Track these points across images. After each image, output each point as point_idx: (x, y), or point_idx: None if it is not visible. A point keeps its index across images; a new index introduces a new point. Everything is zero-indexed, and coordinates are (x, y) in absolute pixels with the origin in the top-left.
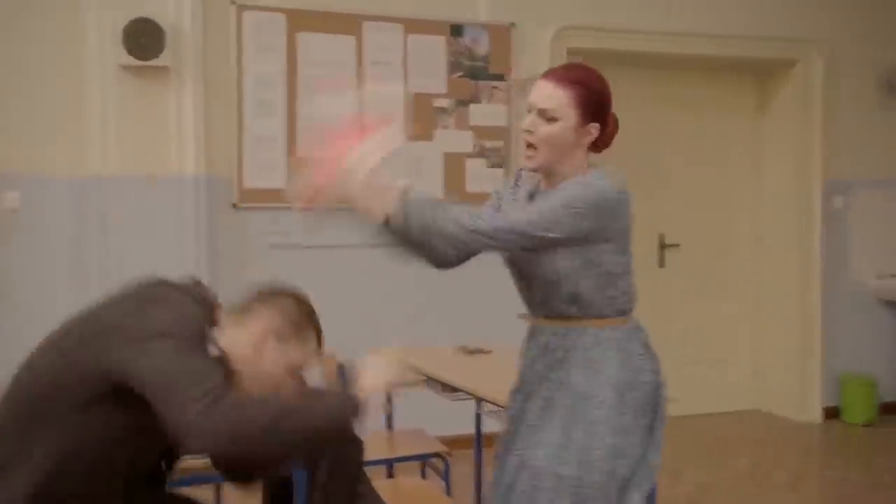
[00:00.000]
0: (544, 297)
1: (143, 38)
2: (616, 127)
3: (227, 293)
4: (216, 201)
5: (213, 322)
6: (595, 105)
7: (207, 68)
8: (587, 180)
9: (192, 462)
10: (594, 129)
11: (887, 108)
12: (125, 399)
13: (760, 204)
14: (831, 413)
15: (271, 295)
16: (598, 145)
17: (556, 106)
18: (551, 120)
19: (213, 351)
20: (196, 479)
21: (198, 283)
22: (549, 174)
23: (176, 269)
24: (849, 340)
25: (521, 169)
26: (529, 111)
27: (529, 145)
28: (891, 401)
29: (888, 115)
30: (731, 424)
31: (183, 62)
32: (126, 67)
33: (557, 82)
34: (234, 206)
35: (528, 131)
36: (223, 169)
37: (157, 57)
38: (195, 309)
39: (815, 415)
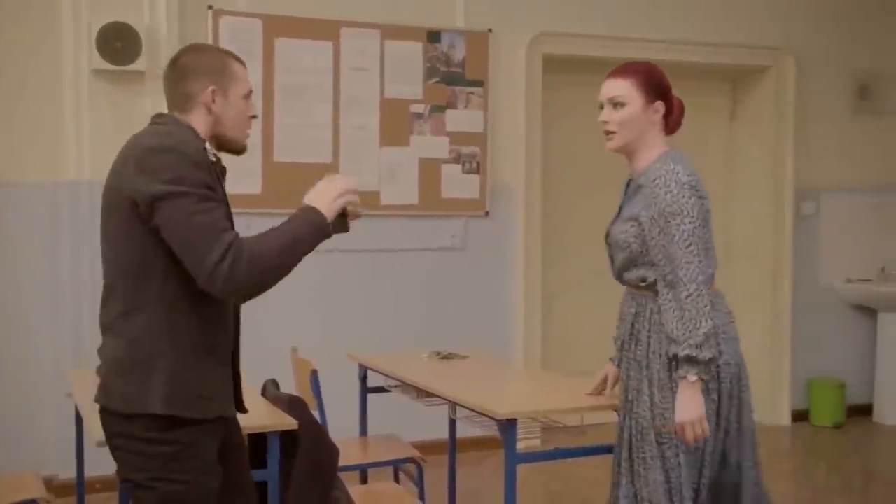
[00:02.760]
0: None
1: (119, 43)
2: (682, 108)
3: None
4: None
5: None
6: (655, 86)
7: None
8: (669, 181)
9: None
10: (660, 106)
11: (858, 114)
12: None
13: (732, 209)
14: (800, 416)
15: (181, 73)
16: (671, 126)
17: (622, 92)
18: (620, 105)
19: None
20: None
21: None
22: (631, 155)
23: None
24: (817, 344)
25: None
26: (601, 108)
27: (608, 132)
28: (859, 403)
29: (859, 121)
30: None
31: (158, 67)
32: (100, 72)
33: (619, 75)
34: None
35: (605, 121)
36: None
37: (132, 62)
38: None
39: (784, 417)
